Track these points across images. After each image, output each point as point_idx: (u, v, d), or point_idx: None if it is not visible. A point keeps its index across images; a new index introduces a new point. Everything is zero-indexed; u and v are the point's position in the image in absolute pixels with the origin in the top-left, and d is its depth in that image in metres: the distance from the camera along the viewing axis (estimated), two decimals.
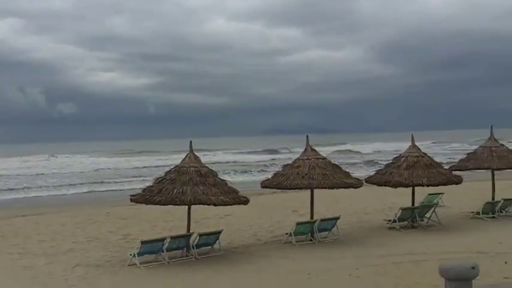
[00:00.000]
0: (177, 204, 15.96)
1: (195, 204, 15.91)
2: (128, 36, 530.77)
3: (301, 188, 18.58)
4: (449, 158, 47.44)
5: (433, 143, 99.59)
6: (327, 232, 18.66)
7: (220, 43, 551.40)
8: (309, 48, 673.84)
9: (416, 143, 21.12)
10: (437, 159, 23.59)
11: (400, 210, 19.99)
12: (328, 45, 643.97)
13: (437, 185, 20.38)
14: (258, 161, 70.09)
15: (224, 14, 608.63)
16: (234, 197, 16.35)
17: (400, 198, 23.63)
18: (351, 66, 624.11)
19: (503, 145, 23.80)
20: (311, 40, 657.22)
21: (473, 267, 6.47)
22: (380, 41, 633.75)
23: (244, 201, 16.65)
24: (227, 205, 16.51)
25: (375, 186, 21.08)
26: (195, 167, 16.41)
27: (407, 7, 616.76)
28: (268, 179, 19.69)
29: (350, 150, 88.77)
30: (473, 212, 22.17)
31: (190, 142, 17.19)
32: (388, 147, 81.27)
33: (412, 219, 20.27)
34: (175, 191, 15.68)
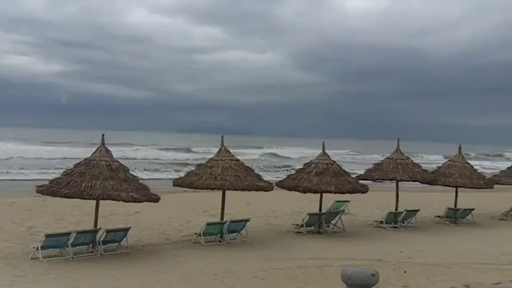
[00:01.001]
0: (85, 198, 15.54)
1: (103, 199, 15.55)
2: (44, 20, 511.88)
3: (213, 189, 18.59)
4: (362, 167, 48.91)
5: (350, 153, 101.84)
6: (236, 234, 18.81)
7: (141, 35, 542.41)
8: (230, 49, 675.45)
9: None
10: (347, 167, 24.34)
11: (308, 216, 20.45)
12: (250, 47, 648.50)
13: (344, 193, 21.00)
14: (172, 159, 69.46)
15: (147, 5, 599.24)
16: (144, 194, 16.14)
17: (309, 203, 24.16)
18: (271, 70, 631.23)
19: (408, 158, 24.90)
20: (233, 40, 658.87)
21: (373, 275, 6.71)
22: (300, 47, 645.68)
23: (155, 198, 16.48)
24: (137, 202, 16.25)
25: (285, 190, 21.44)
26: (106, 161, 16.08)
27: (329, 17, 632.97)
28: (180, 178, 19.64)
29: (276, 154, 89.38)
30: (376, 221, 23.01)
31: (103, 135, 16.78)
32: (310, 154, 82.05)
33: (318, 224, 20.78)
34: (83, 185, 15.29)
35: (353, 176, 23.03)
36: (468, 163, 26.25)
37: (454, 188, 25.46)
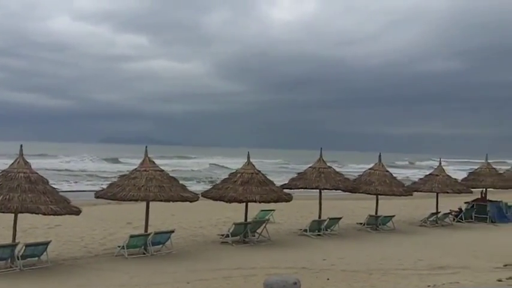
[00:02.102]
0: (3, 212, 14.97)
1: (22, 212, 15.04)
2: None
3: (136, 200, 18.33)
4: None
5: (281, 166, 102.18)
6: (160, 245, 18.56)
7: (64, 43, 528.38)
8: (155, 57, 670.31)
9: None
10: (272, 177, 24.61)
11: (233, 225, 20.49)
12: (175, 56, 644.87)
13: (269, 202, 21.22)
14: (94, 170, 68.00)
15: (70, 13, 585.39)
16: (65, 207, 15.72)
17: (234, 213, 24.24)
18: (196, 79, 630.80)
19: (330, 167, 25.43)
20: (157, 49, 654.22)
21: (295, 283, 6.80)
22: (226, 56, 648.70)
23: (76, 211, 16.07)
24: (57, 215, 15.81)
25: (211, 200, 21.41)
26: (24, 173, 15.58)
27: (254, 27, 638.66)
28: (103, 190, 19.24)
29: (216, 164, 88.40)
30: (301, 229, 23.33)
31: (21, 146, 16.23)
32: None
33: (244, 234, 20.85)
34: (0, 198, 14.75)
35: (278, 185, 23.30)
36: (388, 171, 27.05)
37: (375, 196, 26.19)
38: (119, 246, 17.81)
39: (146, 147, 19.19)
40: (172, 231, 18.92)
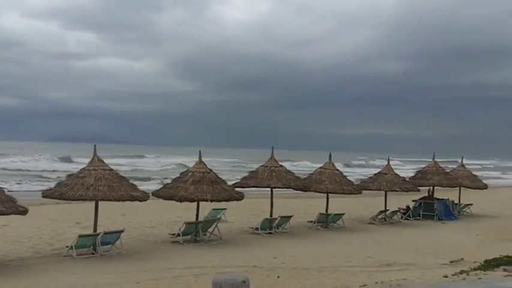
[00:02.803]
0: None
1: None
2: None
3: (85, 200, 18.04)
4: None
5: (238, 164, 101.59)
6: (110, 245, 18.33)
7: (13, 40, 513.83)
8: (106, 55, 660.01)
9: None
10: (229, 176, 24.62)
11: (185, 225, 20.42)
12: (127, 55, 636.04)
13: (220, 201, 21.23)
14: (45, 169, 66.53)
15: (19, 9, 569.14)
16: (11, 206, 15.38)
17: (186, 212, 24.13)
18: (149, 78, 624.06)
19: (282, 165, 25.60)
20: (109, 47, 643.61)
21: (244, 281, 6.80)
22: (179, 56, 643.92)
23: (23, 211, 15.75)
24: (3, 215, 15.45)
25: (162, 199, 21.28)
26: None
27: (208, 27, 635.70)
28: (50, 189, 18.84)
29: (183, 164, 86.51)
30: (252, 228, 23.41)
31: None
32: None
33: (195, 233, 20.79)
34: None
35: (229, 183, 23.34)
36: (338, 170, 27.45)
37: (325, 194, 26.51)
38: (67, 247, 17.50)
39: (95, 146, 18.91)
40: (122, 231, 18.70)
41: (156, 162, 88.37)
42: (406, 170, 59.65)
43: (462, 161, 36.59)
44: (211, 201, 20.79)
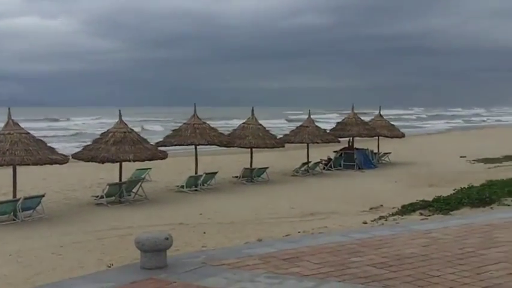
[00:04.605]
0: None
1: None
2: None
3: (2, 165, 17.45)
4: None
5: (143, 120, 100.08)
6: (31, 211, 17.89)
7: None
8: (19, 14, 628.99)
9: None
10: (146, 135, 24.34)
11: (108, 186, 20.16)
12: (41, 13, 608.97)
13: (143, 161, 21.07)
14: None
15: None
16: None
17: (109, 173, 23.80)
18: (65, 37, 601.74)
19: (205, 122, 25.57)
20: (22, 5, 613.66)
21: (167, 238, 6.83)
22: (97, 13, 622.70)
23: None
24: None
25: (83, 162, 20.90)
26: None
27: None
28: None
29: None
30: (178, 186, 23.40)
31: None
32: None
33: (119, 194, 20.58)
34: None
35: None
36: (261, 125, 27.71)
37: (249, 149, 26.77)
38: None
39: (9, 108, 18.17)
40: (43, 195, 18.25)
41: (73, 125, 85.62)
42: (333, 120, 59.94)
43: (380, 111, 37.65)
44: (134, 161, 20.62)
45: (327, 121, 63.89)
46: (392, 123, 38.44)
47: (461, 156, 35.65)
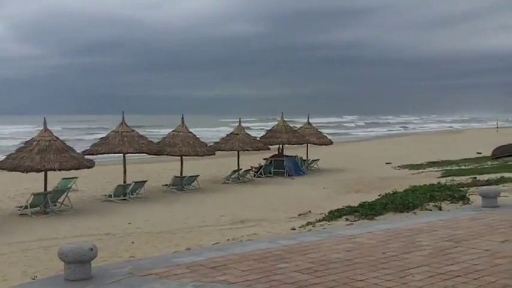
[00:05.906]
0: None
1: None
2: None
3: None
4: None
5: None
6: None
7: None
8: None
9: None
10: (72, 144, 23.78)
11: (32, 196, 19.56)
12: None
13: (69, 169, 20.62)
14: None
15: None
16: None
17: (33, 183, 23.11)
18: None
19: (134, 130, 25.27)
20: None
21: (91, 249, 6.72)
22: (22, 19, 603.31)
23: None
24: None
25: (6, 171, 20.20)
26: None
27: None
28: None
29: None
30: (105, 195, 22.97)
31: None
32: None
33: (44, 204, 20.01)
34: None
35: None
36: (191, 132, 27.63)
37: (180, 157, 26.61)
38: None
39: None
40: None
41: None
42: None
43: (308, 119, 38.26)
44: (60, 170, 20.13)
45: (263, 128, 64.40)
46: (321, 130, 39.22)
47: (387, 163, 36.67)
